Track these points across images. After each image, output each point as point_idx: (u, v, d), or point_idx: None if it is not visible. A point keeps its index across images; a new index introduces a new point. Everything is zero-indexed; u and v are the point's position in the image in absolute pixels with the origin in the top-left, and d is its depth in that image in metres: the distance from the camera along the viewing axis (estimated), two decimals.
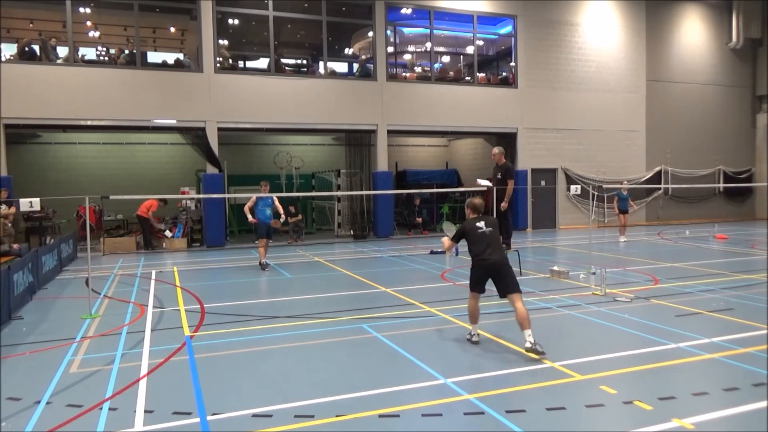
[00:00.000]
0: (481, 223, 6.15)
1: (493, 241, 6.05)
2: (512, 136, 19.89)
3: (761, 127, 24.21)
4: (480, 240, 6.07)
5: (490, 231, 6.09)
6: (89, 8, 17.33)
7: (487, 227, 6.11)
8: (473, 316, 6.19)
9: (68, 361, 5.80)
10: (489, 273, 6.00)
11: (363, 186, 18.48)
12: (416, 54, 21.31)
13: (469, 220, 6.29)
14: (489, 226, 6.14)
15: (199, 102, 16.09)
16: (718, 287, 8.99)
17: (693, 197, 22.92)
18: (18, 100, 14.39)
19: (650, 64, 21.96)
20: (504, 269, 5.93)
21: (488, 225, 6.14)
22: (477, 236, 6.10)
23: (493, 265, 5.95)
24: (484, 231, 6.08)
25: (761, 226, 20.37)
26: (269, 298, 9.10)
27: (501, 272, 5.92)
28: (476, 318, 6.21)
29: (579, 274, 10.32)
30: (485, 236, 6.05)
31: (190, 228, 16.35)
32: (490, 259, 5.95)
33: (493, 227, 6.15)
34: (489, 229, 6.09)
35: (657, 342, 6.10)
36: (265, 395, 4.78)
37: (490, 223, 6.18)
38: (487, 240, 6.02)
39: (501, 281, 5.92)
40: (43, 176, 18.84)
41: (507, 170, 10.75)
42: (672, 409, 4.34)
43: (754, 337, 6.21)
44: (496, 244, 6.05)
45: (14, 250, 11.14)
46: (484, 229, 6.09)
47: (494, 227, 6.16)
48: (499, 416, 4.26)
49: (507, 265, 5.98)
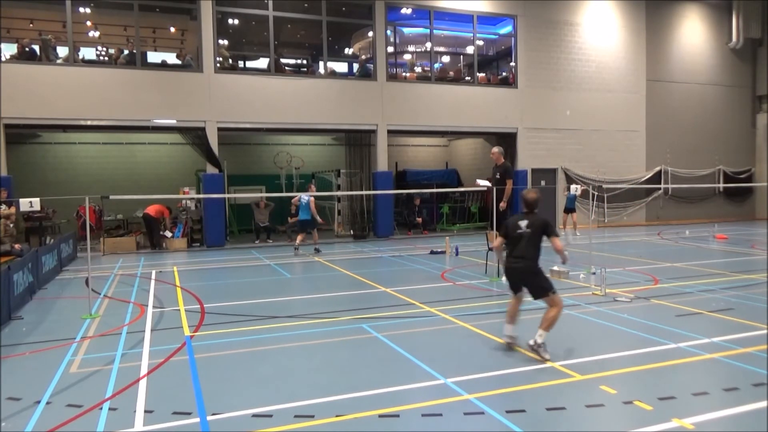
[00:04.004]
0: (524, 222, 5.84)
1: (527, 245, 5.76)
2: (512, 136, 19.89)
3: (761, 127, 24.21)
4: (515, 241, 5.86)
5: (529, 233, 5.76)
6: (89, 8, 17.32)
7: (528, 228, 5.78)
8: (508, 314, 5.99)
9: (68, 361, 5.80)
10: (514, 278, 5.90)
11: (363, 186, 18.48)
12: (416, 54, 21.31)
13: (515, 216, 6.02)
14: (530, 227, 5.79)
15: (199, 102, 16.09)
16: (718, 287, 8.99)
17: (693, 197, 22.92)
18: (18, 100, 14.39)
19: (650, 64, 21.96)
20: (528, 277, 5.76)
21: (530, 225, 5.80)
22: (514, 237, 5.87)
23: (516, 272, 5.85)
24: (523, 232, 5.79)
25: (761, 226, 20.37)
26: (269, 298, 9.09)
27: (525, 280, 5.80)
28: (511, 318, 5.96)
29: (579, 274, 10.33)
30: (521, 239, 5.80)
31: (190, 228, 16.35)
32: (514, 266, 5.84)
33: (535, 228, 5.78)
34: (528, 231, 5.77)
35: (657, 342, 6.10)
36: (265, 395, 4.78)
37: (533, 224, 5.81)
38: (522, 243, 5.77)
39: (527, 288, 5.83)
40: (43, 176, 18.84)
41: (506, 170, 10.74)
42: (672, 409, 4.34)
43: (754, 337, 6.21)
44: (528, 250, 5.76)
45: (15, 251, 11.13)
46: (523, 230, 5.79)
47: (536, 228, 5.78)
48: (499, 416, 4.26)
49: (531, 272, 5.76)
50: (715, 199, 23.55)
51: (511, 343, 5.86)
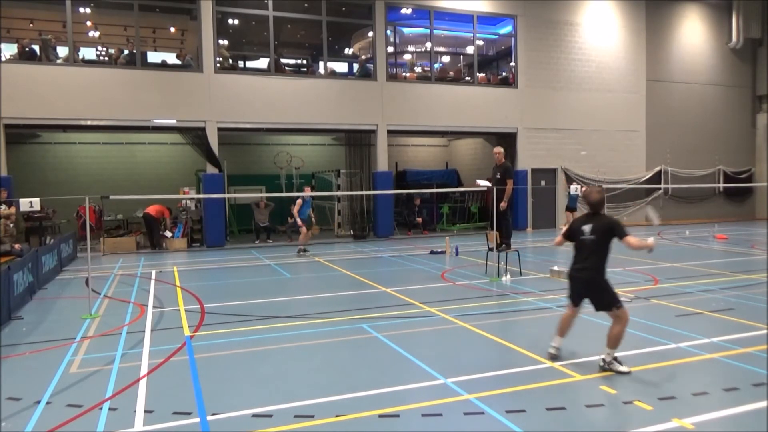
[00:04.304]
0: (587, 226, 5.27)
1: (591, 253, 5.21)
2: (512, 136, 19.89)
3: (761, 127, 24.21)
4: (578, 247, 5.35)
5: (592, 240, 5.20)
6: (89, 8, 17.32)
7: (592, 234, 5.21)
8: (560, 326, 5.54)
9: (68, 361, 5.80)
10: (576, 289, 5.41)
11: (363, 186, 18.48)
12: (416, 54, 21.31)
13: (579, 219, 5.46)
14: (595, 232, 5.21)
15: (199, 102, 16.09)
16: (718, 287, 8.99)
17: (693, 197, 22.92)
18: (18, 100, 14.39)
19: (650, 64, 21.95)
20: (592, 289, 5.27)
21: (594, 231, 5.21)
22: (577, 242, 5.36)
23: (579, 282, 5.36)
24: (586, 239, 5.25)
25: (761, 226, 20.37)
26: (269, 298, 9.09)
27: (589, 292, 5.32)
28: (561, 330, 5.52)
29: None
30: (584, 245, 5.27)
31: (190, 228, 16.35)
32: (577, 276, 5.35)
33: (599, 234, 5.19)
34: (592, 237, 5.21)
35: (657, 342, 6.10)
36: (265, 395, 4.78)
37: (598, 229, 5.21)
38: (585, 250, 5.26)
39: (590, 300, 5.34)
40: (43, 176, 18.83)
41: (506, 170, 10.74)
42: (672, 409, 4.34)
43: (754, 337, 6.21)
44: (592, 258, 5.21)
45: (15, 251, 11.12)
46: (587, 235, 5.24)
47: (601, 233, 5.19)
48: (499, 416, 4.26)
49: (596, 284, 5.23)
50: (715, 199, 23.55)
51: (555, 355, 5.49)
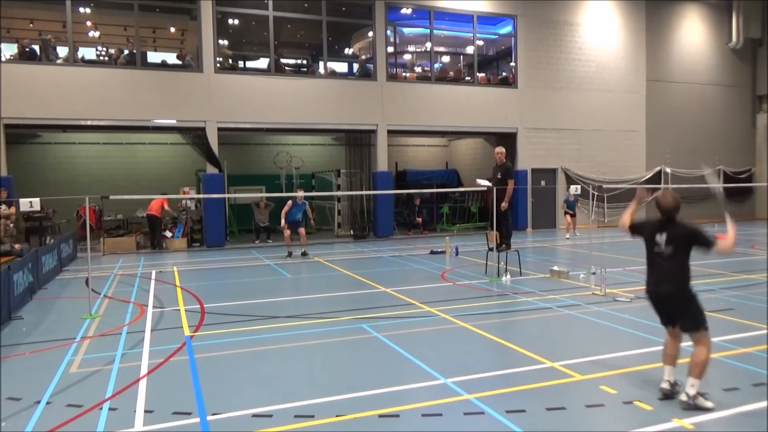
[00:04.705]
0: (662, 236, 4.52)
1: (670, 265, 4.48)
2: (512, 136, 19.89)
3: (761, 127, 24.21)
4: (651, 260, 4.65)
5: (669, 253, 4.47)
6: (89, 8, 17.32)
7: (668, 245, 4.48)
8: (665, 354, 4.66)
9: (68, 361, 5.80)
10: (658, 306, 4.67)
11: (363, 186, 18.48)
12: (416, 54, 21.31)
13: (652, 225, 4.69)
14: (671, 243, 4.47)
15: (199, 102, 16.09)
16: (718, 287, 8.99)
17: (693, 197, 22.89)
18: (18, 100, 14.38)
19: (650, 64, 21.95)
20: (675, 305, 4.53)
21: (670, 242, 4.48)
22: (650, 253, 4.65)
23: (659, 298, 4.62)
24: (662, 251, 4.52)
25: (761, 226, 20.37)
26: (269, 298, 9.09)
27: (672, 308, 4.58)
28: (669, 358, 4.61)
29: (579, 274, 10.32)
30: (658, 258, 4.56)
31: (190, 228, 16.35)
32: (656, 290, 4.61)
33: (677, 244, 4.46)
34: (668, 249, 4.47)
35: (657, 342, 6.08)
36: (265, 395, 4.78)
37: (674, 238, 4.47)
38: (662, 263, 4.53)
39: (675, 317, 4.60)
40: (43, 176, 18.83)
41: (507, 170, 10.74)
42: (672, 409, 4.34)
43: (754, 337, 6.21)
44: (672, 270, 4.47)
45: (15, 251, 11.13)
46: (662, 247, 4.51)
47: (679, 244, 4.46)
48: (499, 416, 4.26)
49: (679, 298, 4.48)
50: (715, 199, 23.52)
51: (669, 390, 4.51)
